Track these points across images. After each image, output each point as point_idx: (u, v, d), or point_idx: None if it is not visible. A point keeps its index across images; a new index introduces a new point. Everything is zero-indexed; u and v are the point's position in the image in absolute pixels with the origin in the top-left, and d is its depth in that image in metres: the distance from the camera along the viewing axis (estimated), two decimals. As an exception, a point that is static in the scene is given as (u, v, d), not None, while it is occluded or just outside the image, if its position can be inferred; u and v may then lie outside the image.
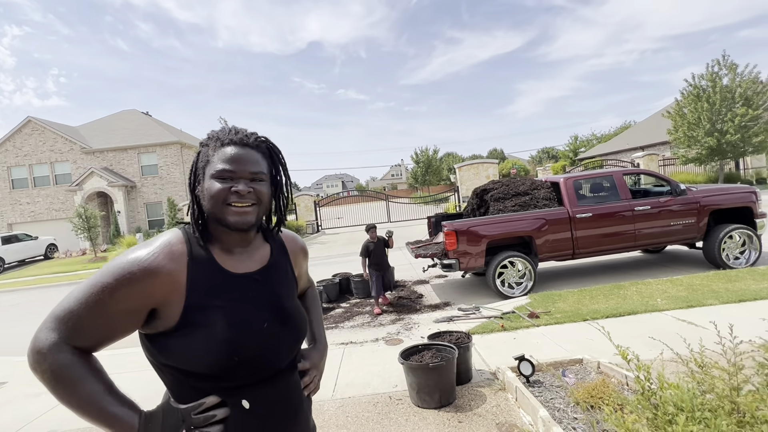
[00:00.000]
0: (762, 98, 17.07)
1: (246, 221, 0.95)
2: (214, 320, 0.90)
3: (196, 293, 0.90)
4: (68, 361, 0.83)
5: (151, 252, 0.89)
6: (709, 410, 1.44)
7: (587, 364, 3.13)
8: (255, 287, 0.99)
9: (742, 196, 6.26)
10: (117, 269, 0.86)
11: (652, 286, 5.28)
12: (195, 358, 0.88)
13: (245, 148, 0.97)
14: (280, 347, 0.99)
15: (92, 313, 0.84)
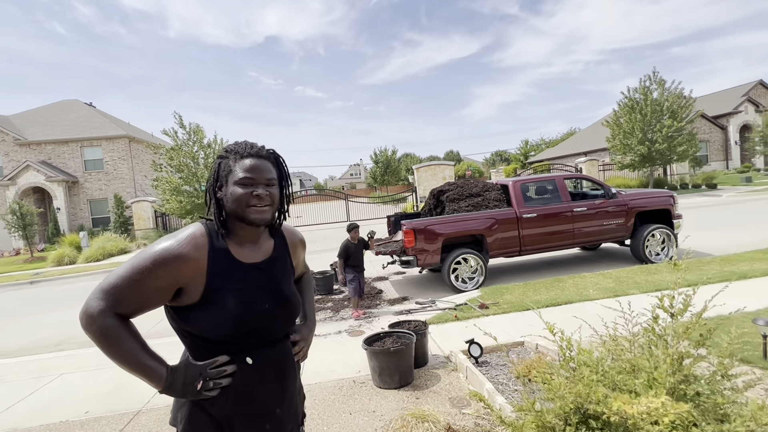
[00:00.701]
0: (685, 112, 19.00)
1: (264, 219, 1.18)
2: (226, 300, 1.13)
3: (214, 278, 1.13)
4: (112, 324, 1.05)
5: (181, 242, 1.11)
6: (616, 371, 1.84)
7: (527, 346, 3.57)
8: (260, 275, 1.21)
9: (662, 200, 7.12)
10: (153, 255, 1.08)
11: (587, 279, 5.92)
12: (211, 327, 1.12)
13: (260, 159, 1.20)
14: (276, 323, 1.23)
15: (132, 288, 1.06)
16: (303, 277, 1.55)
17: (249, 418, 1.18)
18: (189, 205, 16.14)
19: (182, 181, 16.33)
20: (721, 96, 30.05)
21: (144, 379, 1.07)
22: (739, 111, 27.19)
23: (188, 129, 16.60)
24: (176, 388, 1.09)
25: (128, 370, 1.07)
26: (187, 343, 1.18)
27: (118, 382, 3.88)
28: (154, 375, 1.07)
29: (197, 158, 16.82)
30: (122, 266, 1.09)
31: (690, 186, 20.64)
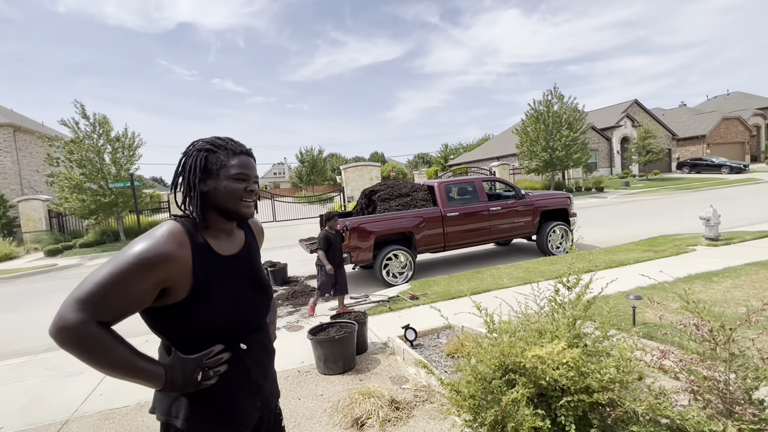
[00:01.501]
0: (579, 124, 21.71)
1: (251, 213, 1.26)
2: (216, 294, 1.15)
3: (200, 274, 1.13)
4: (98, 334, 0.99)
5: (163, 241, 1.08)
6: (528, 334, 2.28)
7: (455, 329, 4.03)
8: (239, 264, 1.26)
9: (561, 200, 8.22)
10: (136, 257, 1.04)
11: (501, 270, 6.67)
12: (207, 321, 1.14)
13: (249, 158, 1.27)
14: (260, 309, 1.31)
15: (115, 294, 1.01)
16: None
17: (246, 398, 1.24)
18: (93, 204, 14.56)
19: (84, 177, 14.68)
20: (607, 111, 34.70)
21: (141, 382, 1.06)
22: (620, 125, 31.66)
23: (92, 120, 14.95)
24: (177, 383, 1.09)
25: (122, 377, 1.04)
26: (173, 341, 1.16)
27: (34, 395, 3.58)
28: (152, 376, 1.06)
29: (103, 153, 15.24)
30: (97, 273, 1.03)
31: (583, 189, 23.60)
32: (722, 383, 1.61)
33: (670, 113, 41.72)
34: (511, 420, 1.66)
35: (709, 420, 1.54)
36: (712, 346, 1.65)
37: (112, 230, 16.16)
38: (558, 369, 1.76)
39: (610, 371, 1.62)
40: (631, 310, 3.67)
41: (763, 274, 5.06)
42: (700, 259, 6.20)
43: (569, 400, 1.69)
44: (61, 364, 4.40)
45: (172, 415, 1.15)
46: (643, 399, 1.59)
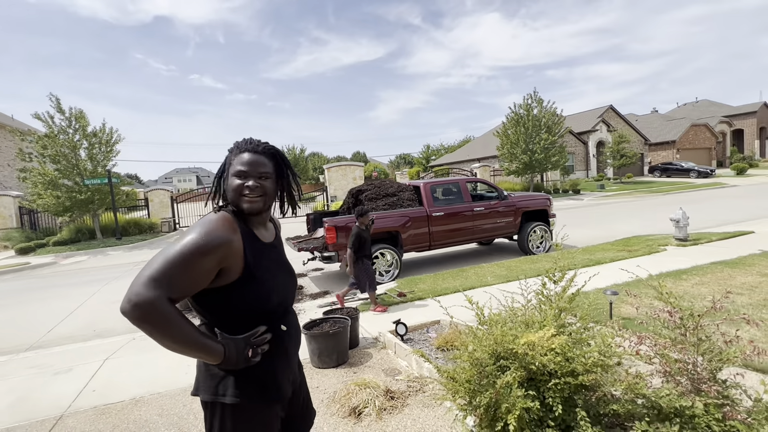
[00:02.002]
0: (558, 127, 22.35)
1: (254, 207, 1.29)
2: (261, 276, 1.28)
3: (249, 256, 1.26)
4: (170, 310, 1.09)
5: (221, 226, 1.21)
6: (518, 324, 2.45)
7: (443, 323, 4.19)
8: (276, 251, 1.42)
9: (541, 202, 8.52)
10: (200, 240, 1.16)
11: (485, 268, 6.89)
12: (256, 300, 1.27)
13: (256, 155, 1.32)
14: (292, 292, 1.47)
15: (184, 273, 1.13)
16: None
17: (284, 374, 1.37)
18: (68, 201, 14.13)
19: (59, 173, 14.24)
20: (583, 116, 35.76)
21: (203, 357, 1.18)
22: (596, 129, 32.69)
23: (68, 114, 14.51)
24: (232, 359, 1.19)
25: (187, 352, 1.14)
26: (220, 321, 1.26)
27: (20, 394, 3.55)
28: (213, 351, 1.17)
29: (79, 148, 14.81)
30: (166, 254, 1.14)
31: (560, 191, 24.28)
32: (691, 365, 1.80)
33: (643, 119, 43.29)
34: (505, 401, 1.81)
35: (679, 397, 1.72)
36: (683, 332, 1.84)
37: (87, 228, 15.73)
38: (546, 355, 1.92)
39: (594, 355, 1.79)
40: (608, 305, 3.90)
41: (727, 272, 5.41)
42: (670, 258, 6.56)
43: (556, 383, 1.85)
44: (46, 362, 4.35)
45: (219, 394, 1.25)
46: (622, 380, 1.76)
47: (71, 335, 5.48)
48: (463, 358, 1.93)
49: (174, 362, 4.01)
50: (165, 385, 3.43)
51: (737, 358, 1.83)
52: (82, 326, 5.84)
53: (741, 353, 1.82)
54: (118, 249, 14.10)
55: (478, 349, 1.93)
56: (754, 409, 1.71)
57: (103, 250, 13.94)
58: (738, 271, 5.38)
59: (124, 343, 4.83)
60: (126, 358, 4.22)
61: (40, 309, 7.06)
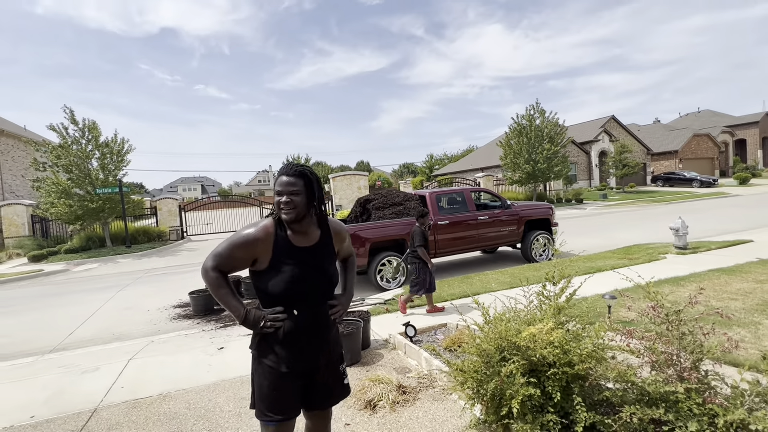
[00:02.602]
0: (560, 138, 22.63)
1: (289, 218, 1.70)
2: (283, 270, 1.70)
3: (276, 254, 1.71)
4: (215, 276, 1.71)
5: (258, 229, 1.71)
6: (520, 322, 2.67)
7: (449, 326, 4.40)
8: (308, 255, 1.75)
9: (544, 210, 8.74)
10: (242, 237, 1.70)
11: (489, 275, 7.09)
12: (272, 286, 1.71)
13: (288, 176, 1.71)
14: (318, 290, 1.77)
15: (228, 256, 1.71)
16: (348, 259, 2.08)
17: (292, 351, 1.73)
18: (80, 210, 14.48)
19: (72, 182, 14.61)
20: (586, 126, 36.09)
21: (231, 313, 1.71)
22: (598, 139, 32.98)
23: (81, 125, 14.94)
24: (248, 322, 1.69)
25: (223, 305, 1.71)
26: (258, 296, 1.78)
27: (56, 388, 3.78)
28: (236, 311, 1.70)
29: (91, 158, 15.20)
30: (225, 241, 1.73)
31: (563, 200, 24.47)
32: (675, 356, 2.01)
33: (645, 129, 43.56)
34: (509, 388, 2.03)
35: (664, 384, 1.94)
36: (667, 326, 2.06)
37: (97, 236, 16.06)
38: (546, 348, 2.15)
39: (588, 347, 2.02)
40: (607, 308, 4.10)
41: (724, 278, 5.60)
42: (669, 265, 6.75)
43: (554, 372, 2.07)
44: (73, 362, 4.58)
45: (251, 347, 1.78)
46: (612, 368, 1.98)
47: (92, 338, 5.72)
48: (471, 351, 2.15)
49: (196, 360, 4.24)
50: (189, 383, 3.66)
51: (716, 350, 2.05)
52: (101, 330, 6.08)
53: (720, 346, 2.04)
54: (127, 257, 14.39)
55: (484, 341, 2.15)
56: (732, 395, 1.92)
57: (113, 257, 14.24)
58: (734, 278, 5.57)
59: (144, 345, 5.05)
60: (149, 359, 4.44)
61: (58, 314, 7.31)
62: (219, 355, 4.37)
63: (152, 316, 6.58)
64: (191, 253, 14.45)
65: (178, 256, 14.11)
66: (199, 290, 6.68)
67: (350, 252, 2.08)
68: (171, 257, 13.91)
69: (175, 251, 15.24)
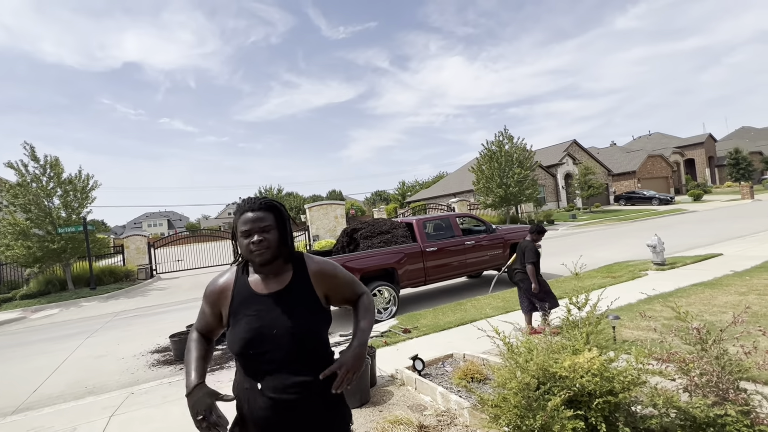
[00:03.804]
0: (529, 161, 23.49)
1: (265, 259, 1.40)
2: (239, 324, 1.40)
3: (234, 304, 1.44)
4: (192, 337, 1.55)
5: (216, 279, 1.52)
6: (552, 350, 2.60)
7: (456, 357, 4.27)
8: (271, 302, 1.41)
9: (526, 233, 8.87)
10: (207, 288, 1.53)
11: (482, 301, 7.05)
12: (230, 347, 1.42)
13: (255, 212, 1.41)
14: (285, 348, 1.37)
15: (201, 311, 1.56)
16: (358, 300, 1.62)
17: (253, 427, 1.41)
18: (40, 252, 13.53)
19: (30, 222, 13.71)
20: (550, 150, 37.76)
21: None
22: (563, 162, 34.49)
23: (42, 162, 14.19)
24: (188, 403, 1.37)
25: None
26: None
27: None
28: (188, 381, 1.41)
29: (53, 195, 14.39)
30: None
31: (535, 222, 25.15)
32: (715, 377, 1.99)
33: (604, 151, 46.04)
34: (555, 423, 1.93)
35: (710, 407, 1.90)
36: (703, 346, 2.05)
37: (58, 279, 15.00)
38: (584, 377, 2.08)
39: (633, 373, 1.96)
40: (611, 329, 4.11)
41: (708, 292, 5.79)
42: (653, 282, 6.93)
43: (599, 402, 2.00)
44: (43, 424, 4.11)
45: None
46: (660, 394, 1.93)
47: (61, 394, 5.19)
48: (509, 385, 2.06)
49: (187, 412, 3.88)
50: (184, 438, 3.33)
51: (751, 368, 2.05)
52: (71, 383, 5.54)
53: (755, 364, 2.04)
54: (92, 300, 13.46)
55: (526, 374, 2.07)
56: (776, 413, 1.90)
57: (76, 301, 13.27)
58: (718, 292, 5.77)
59: (124, 398, 4.62)
60: (133, 413, 4.04)
61: (17, 368, 6.63)
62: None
63: (128, 364, 6.08)
64: (163, 293, 13.69)
65: (149, 296, 13.33)
66: (180, 332, 6.27)
67: (355, 292, 1.62)
68: (141, 298, 13.11)
69: (145, 291, 14.40)
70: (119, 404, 4.38)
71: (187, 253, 20.19)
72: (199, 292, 12.82)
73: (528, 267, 4.95)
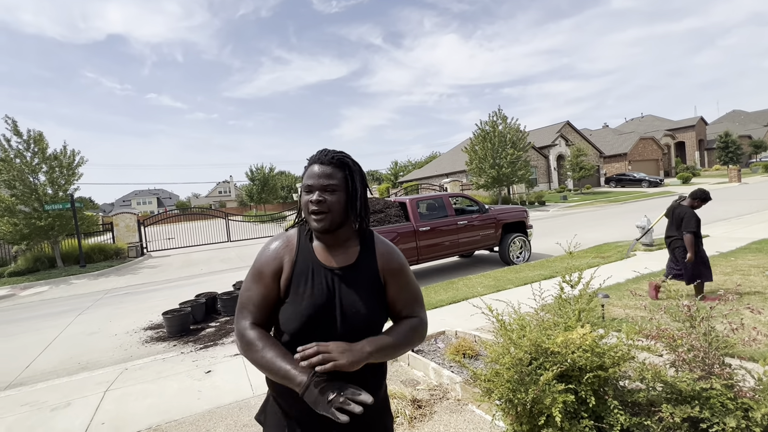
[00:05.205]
0: (522, 143, 23.46)
1: (320, 227, 1.17)
2: (301, 298, 1.17)
3: (296, 273, 1.20)
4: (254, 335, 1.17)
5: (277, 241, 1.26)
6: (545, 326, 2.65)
7: (448, 334, 4.34)
8: (339, 279, 1.20)
9: (519, 213, 8.95)
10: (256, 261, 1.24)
11: (473, 280, 7.14)
12: (286, 325, 1.19)
13: (322, 166, 1.18)
14: (344, 333, 1.16)
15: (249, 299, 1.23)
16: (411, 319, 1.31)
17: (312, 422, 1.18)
18: (27, 229, 13.31)
19: (16, 199, 13.42)
20: (543, 131, 37.69)
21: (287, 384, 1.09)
22: (555, 144, 34.51)
23: (26, 137, 13.79)
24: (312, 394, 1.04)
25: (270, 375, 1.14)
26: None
27: (24, 430, 3.36)
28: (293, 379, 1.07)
29: (38, 172, 14.06)
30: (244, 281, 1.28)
31: (527, 203, 25.33)
32: (702, 352, 2.05)
33: (597, 133, 46.12)
34: (547, 396, 1.98)
35: (696, 382, 1.96)
36: (692, 323, 2.10)
37: (46, 256, 14.82)
38: (575, 352, 2.12)
39: (623, 349, 2.01)
40: (600, 307, 4.20)
41: (694, 272, 5.92)
42: (641, 262, 7.07)
43: (589, 377, 2.05)
44: (37, 398, 4.12)
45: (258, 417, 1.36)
46: (648, 369, 1.99)
47: (54, 370, 5.20)
48: (503, 360, 2.10)
49: (183, 387, 3.93)
50: (180, 412, 3.37)
51: (736, 344, 2.11)
52: (64, 359, 5.55)
53: (740, 340, 2.10)
54: (82, 277, 13.36)
55: (519, 349, 2.11)
56: (758, 387, 1.97)
57: (65, 279, 13.17)
58: (703, 272, 5.89)
59: (118, 373, 4.64)
60: (128, 388, 4.07)
61: (8, 344, 6.61)
62: (207, 379, 4.08)
63: (121, 341, 6.09)
64: (153, 270, 13.63)
65: (140, 274, 13.26)
66: (173, 310, 6.27)
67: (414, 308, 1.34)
68: (131, 276, 13.05)
69: (136, 269, 14.32)
70: (113, 380, 4.40)
71: (178, 232, 20.04)
72: (190, 269, 12.81)
73: (686, 236, 4.57)
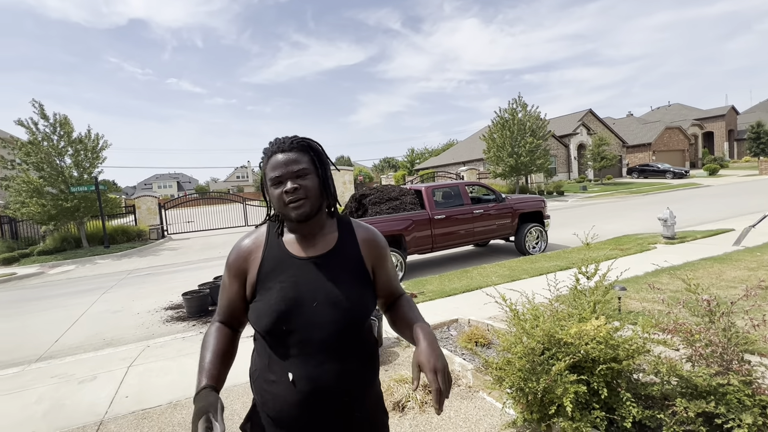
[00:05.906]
0: (542, 131, 22.97)
1: (302, 213, 1.10)
2: (270, 293, 1.10)
3: (264, 269, 1.14)
4: (210, 332, 1.21)
5: (246, 238, 1.21)
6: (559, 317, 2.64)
7: (461, 322, 4.36)
8: (313, 269, 1.13)
9: (536, 203, 8.82)
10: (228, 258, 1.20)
11: (488, 269, 7.11)
12: (256, 323, 1.12)
13: (285, 153, 1.12)
14: (327, 325, 1.08)
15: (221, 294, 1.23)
16: (401, 298, 1.31)
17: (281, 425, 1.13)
18: (54, 210, 13.79)
19: (44, 181, 13.89)
20: (564, 119, 36.79)
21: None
22: (576, 133, 33.67)
23: (52, 120, 14.19)
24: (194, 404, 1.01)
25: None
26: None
27: (53, 401, 3.55)
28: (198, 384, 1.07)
29: (64, 155, 14.50)
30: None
31: (545, 192, 24.90)
32: (720, 348, 2.01)
33: (620, 122, 44.77)
34: (558, 386, 1.98)
35: (713, 377, 1.93)
36: (711, 318, 2.06)
37: (73, 236, 15.37)
38: (588, 344, 2.11)
39: (638, 342, 1.99)
40: (616, 299, 4.14)
41: (717, 267, 5.77)
42: (661, 255, 6.91)
43: (602, 368, 2.04)
44: (65, 371, 4.33)
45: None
46: (663, 362, 1.97)
47: (80, 345, 5.44)
48: (515, 350, 2.10)
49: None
50: (199, 389, 3.49)
51: (757, 341, 2.06)
52: (90, 335, 5.79)
53: (762, 337, 2.05)
54: (106, 257, 13.83)
55: (532, 340, 2.11)
56: (777, 384, 1.93)
57: (91, 258, 13.66)
58: (727, 266, 5.74)
59: (140, 350, 4.83)
60: (150, 365, 4.24)
61: (38, 319, 6.93)
62: (225, 358, 4.20)
63: (143, 319, 6.31)
64: (174, 253, 14.00)
65: (161, 255, 13.65)
66: (192, 291, 6.45)
67: (398, 286, 1.33)
68: (153, 257, 13.44)
69: (157, 251, 14.73)
70: (136, 356, 4.58)
71: (197, 215, 20.46)
72: (209, 252, 13.10)
73: None
